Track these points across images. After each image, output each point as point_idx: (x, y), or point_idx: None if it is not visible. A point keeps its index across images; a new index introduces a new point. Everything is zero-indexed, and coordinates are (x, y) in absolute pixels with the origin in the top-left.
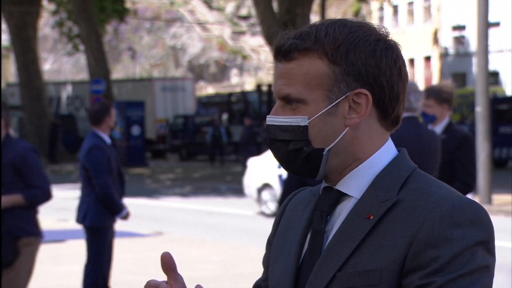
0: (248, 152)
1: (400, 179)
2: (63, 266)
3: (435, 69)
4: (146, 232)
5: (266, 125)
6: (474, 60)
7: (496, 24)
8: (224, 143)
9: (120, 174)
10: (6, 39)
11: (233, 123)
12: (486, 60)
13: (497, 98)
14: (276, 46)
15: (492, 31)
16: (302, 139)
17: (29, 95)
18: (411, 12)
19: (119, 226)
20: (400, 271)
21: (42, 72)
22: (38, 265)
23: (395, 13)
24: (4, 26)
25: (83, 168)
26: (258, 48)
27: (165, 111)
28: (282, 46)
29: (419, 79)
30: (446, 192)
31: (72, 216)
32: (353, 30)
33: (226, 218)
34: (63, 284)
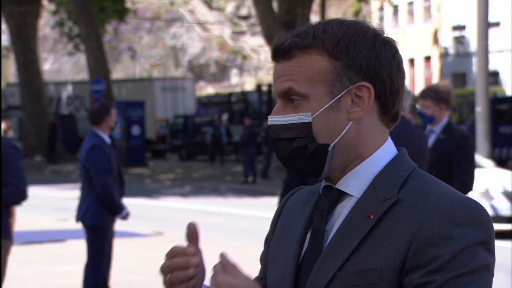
0: (248, 152)
1: (400, 179)
2: (63, 266)
3: (435, 69)
4: (146, 232)
5: (268, 126)
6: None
7: (496, 24)
8: (224, 143)
9: (120, 174)
10: (6, 39)
11: (233, 123)
12: (486, 60)
13: (497, 98)
14: (274, 46)
15: (492, 31)
16: (306, 136)
17: (29, 95)
18: (411, 12)
19: (119, 226)
20: (400, 270)
21: (42, 72)
22: (38, 265)
23: (395, 13)
24: (4, 26)
25: (83, 168)
26: (258, 48)
27: (165, 111)
28: (282, 45)
29: (419, 79)
30: (446, 191)
31: (72, 216)
32: (350, 26)
33: (226, 218)
34: (63, 284)
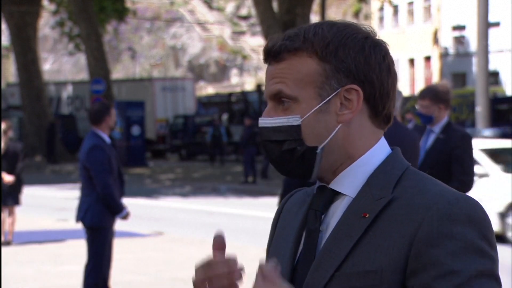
0: (248, 152)
1: (394, 177)
2: (63, 266)
3: (435, 69)
4: (146, 232)
5: (259, 127)
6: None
7: (496, 24)
8: (224, 143)
9: (120, 174)
10: (6, 39)
11: (233, 123)
12: (486, 60)
13: (497, 98)
14: (265, 48)
15: (492, 31)
16: (295, 139)
17: (29, 95)
18: (411, 12)
19: (119, 226)
20: (401, 272)
21: (42, 72)
22: (38, 265)
23: (395, 13)
24: (4, 26)
25: (84, 168)
26: (258, 48)
27: (165, 111)
28: (272, 47)
29: (419, 79)
30: (441, 189)
31: (72, 216)
32: (340, 29)
33: (226, 218)
34: (63, 284)
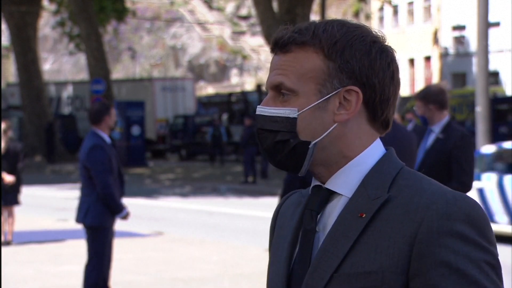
0: (248, 152)
1: (389, 177)
2: (63, 266)
3: (435, 69)
4: (146, 232)
5: (255, 115)
6: (474, 60)
7: (496, 24)
8: (224, 143)
9: (120, 174)
10: (6, 39)
11: (233, 123)
12: (486, 60)
13: (497, 98)
14: (274, 38)
15: (492, 31)
16: (290, 131)
17: (29, 95)
18: (411, 12)
19: (119, 226)
20: (403, 272)
21: (42, 72)
22: (38, 265)
23: (395, 13)
24: (4, 26)
25: (84, 167)
26: (258, 48)
27: (165, 111)
28: (281, 38)
29: (419, 79)
30: (437, 188)
31: (72, 216)
32: (351, 29)
33: (226, 218)
34: (63, 284)
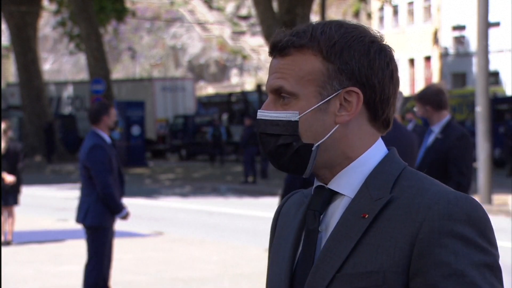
0: (248, 152)
1: (392, 177)
2: (63, 266)
3: (435, 69)
4: (146, 232)
5: (257, 119)
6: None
7: (496, 24)
8: (224, 143)
9: (120, 174)
10: (6, 39)
11: (233, 123)
12: (486, 60)
13: (497, 98)
14: (272, 42)
15: (492, 31)
16: (292, 134)
17: (29, 95)
18: (411, 12)
19: (119, 226)
20: (404, 272)
21: (42, 72)
22: (38, 265)
23: (395, 13)
24: (4, 26)
25: (84, 167)
26: (258, 48)
27: (165, 111)
28: (279, 42)
29: (419, 79)
30: (439, 188)
31: (72, 216)
32: (348, 30)
33: (226, 218)
34: (63, 284)
